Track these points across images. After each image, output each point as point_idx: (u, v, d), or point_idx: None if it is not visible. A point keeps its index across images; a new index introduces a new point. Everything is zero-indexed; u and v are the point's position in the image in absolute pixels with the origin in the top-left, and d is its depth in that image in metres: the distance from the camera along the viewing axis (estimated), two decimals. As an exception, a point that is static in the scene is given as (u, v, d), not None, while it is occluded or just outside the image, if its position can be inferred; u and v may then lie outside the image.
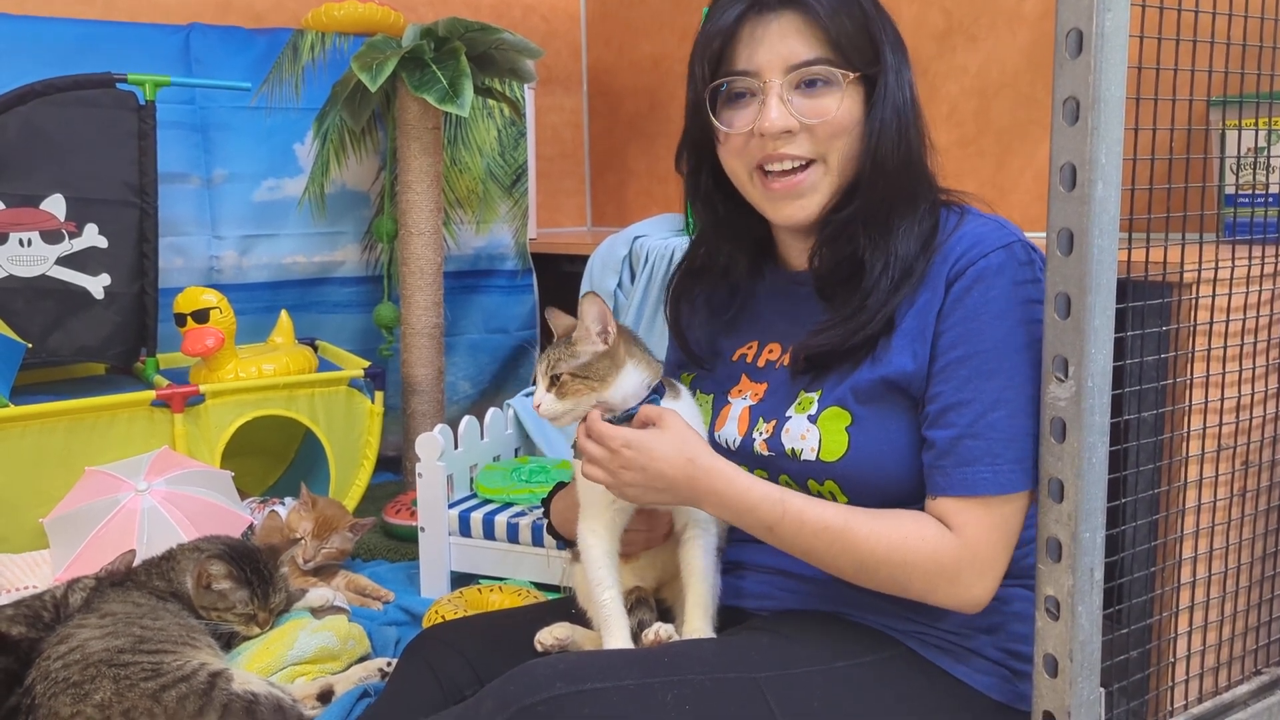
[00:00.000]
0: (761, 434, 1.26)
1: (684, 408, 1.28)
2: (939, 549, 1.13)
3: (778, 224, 1.29)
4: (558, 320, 1.30)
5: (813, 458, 1.20)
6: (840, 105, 1.18)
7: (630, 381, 1.24)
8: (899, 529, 1.15)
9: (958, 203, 1.23)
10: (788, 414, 1.24)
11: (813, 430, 1.21)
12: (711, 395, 1.37)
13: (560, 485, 1.49)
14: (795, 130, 1.19)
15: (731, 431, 1.30)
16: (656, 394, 1.26)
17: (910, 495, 1.18)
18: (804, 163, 1.21)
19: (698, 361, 1.40)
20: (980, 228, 1.18)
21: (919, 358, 1.16)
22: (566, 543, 1.45)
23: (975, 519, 1.12)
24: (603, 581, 1.27)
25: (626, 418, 1.23)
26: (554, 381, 1.22)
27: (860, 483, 1.19)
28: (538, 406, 1.24)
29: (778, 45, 1.18)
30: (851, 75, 1.18)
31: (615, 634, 1.24)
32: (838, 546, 1.16)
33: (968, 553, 1.12)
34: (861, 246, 1.20)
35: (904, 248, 1.18)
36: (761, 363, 1.32)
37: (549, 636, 1.28)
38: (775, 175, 1.22)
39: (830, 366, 1.22)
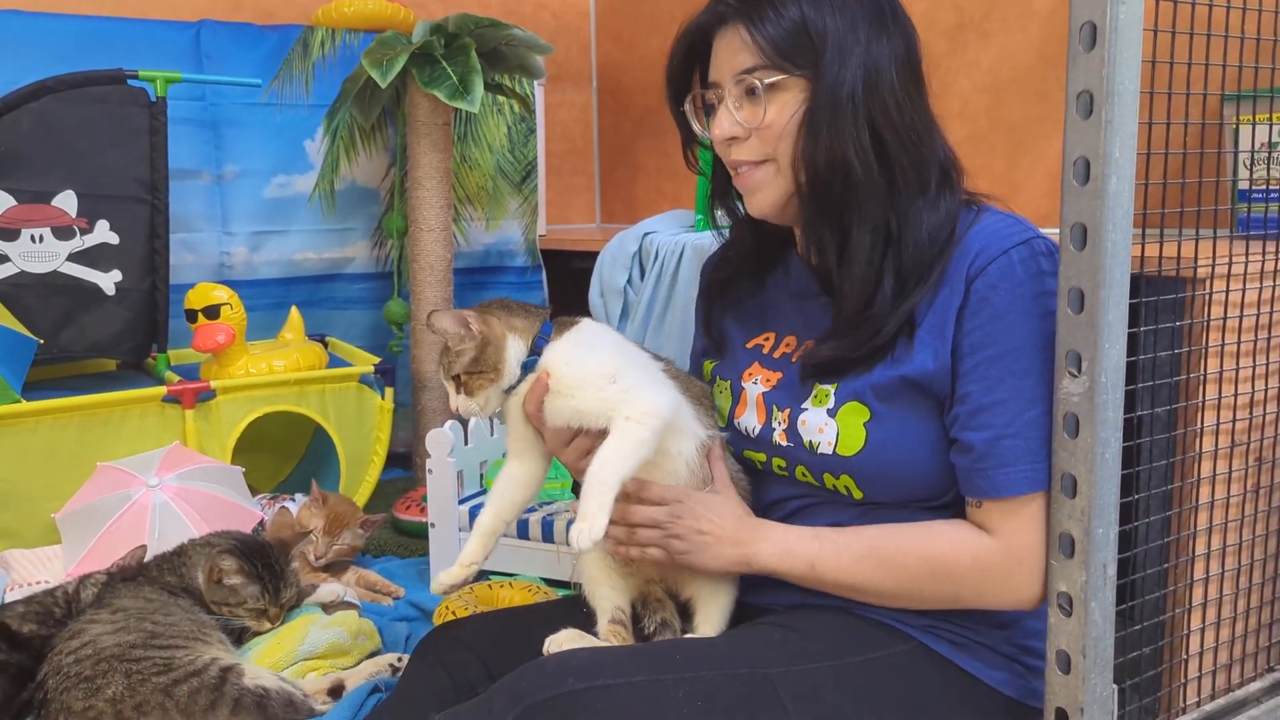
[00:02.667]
0: (779, 424, 1.27)
1: (567, 342, 1.31)
2: (981, 555, 1.14)
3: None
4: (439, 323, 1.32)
5: (829, 452, 1.20)
6: (776, 107, 1.19)
7: (515, 352, 1.29)
8: (938, 539, 1.17)
9: (975, 201, 1.22)
10: (803, 405, 1.24)
11: (830, 424, 1.21)
12: (729, 381, 1.37)
13: None
14: (741, 136, 1.23)
15: (751, 420, 1.31)
16: (543, 339, 1.30)
17: (926, 492, 1.18)
18: (759, 161, 1.23)
19: (720, 350, 1.41)
20: (998, 223, 1.17)
21: (940, 356, 1.15)
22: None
23: (1015, 518, 1.12)
24: (487, 503, 1.36)
25: (530, 369, 1.28)
26: (457, 383, 1.29)
27: (877, 478, 1.19)
28: (456, 411, 1.30)
29: (728, 57, 1.21)
30: (790, 75, 1.18)
31: (470, 545, 1.33)
32: (882, 569, 1.18)
33: (1014, 553, 1.12)
34: (824, 246, 1.21)
35: (907, 243, 1.17)
36: (777, 354, 1.32)
37: (555, 647, 1.27)
38: (738, 173, 1.27)
39: (844, 370, 1.21)
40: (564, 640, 1.29)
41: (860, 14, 1.17)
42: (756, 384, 1.32)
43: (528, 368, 1.28)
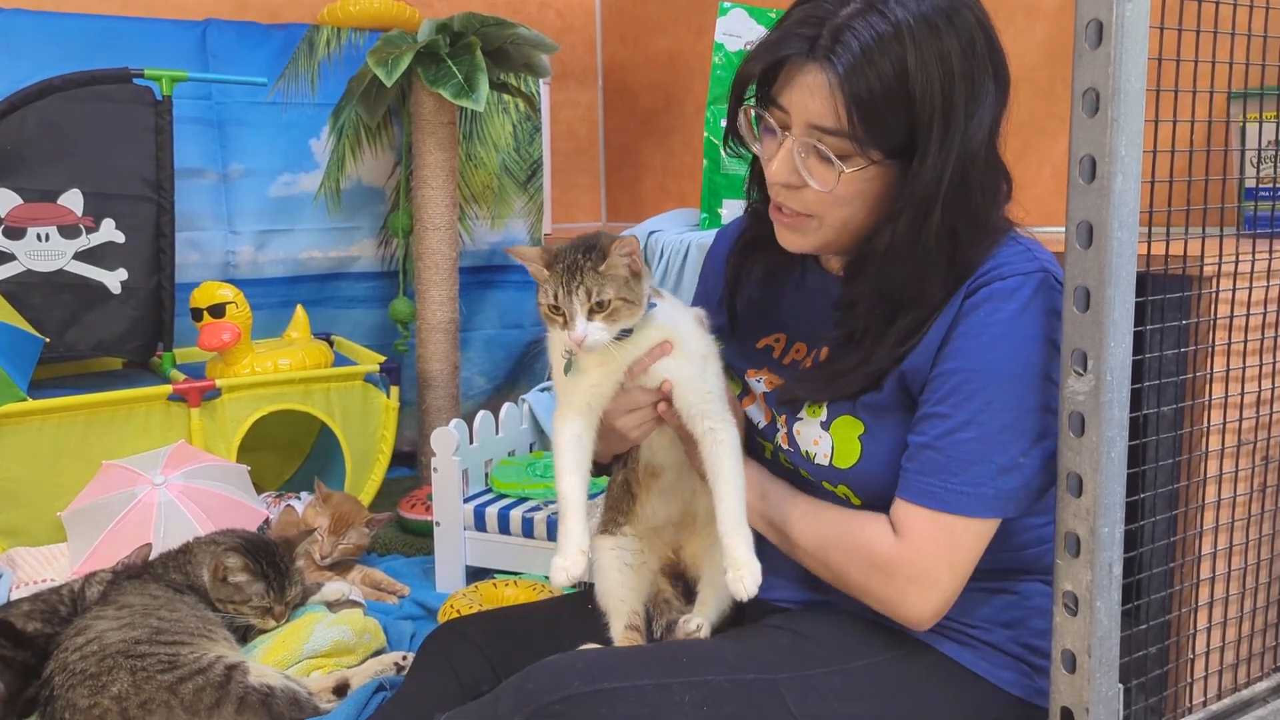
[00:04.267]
0: (781, 426, 1.27)
1: (670, 304, 1.28)
2: (878, 541, 1.14)
3: None
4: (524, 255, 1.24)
5: (826, 463, 1.21)
6: (846, 180, 1.11)
7: (646, 292, 1.22)
8: (856, 516, 1.18)
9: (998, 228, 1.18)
10: (798, 415, 1.25)
11: (825, 436, 1.21)
12: (732, 375, 1.36)
13: None
14: (796, 186, 1.15)
15: (758, 415, 1.31)
16: (653, 304, 1.24)
17: None
18: (804, 214, 1.18)
19: (733, 333, 1.38)
20: (1010, 253, 1.14)
21: (925, 367, 1.15)
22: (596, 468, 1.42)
23: (921, 526, 1.12)
24: (564, 468, 1.24)
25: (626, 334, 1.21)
26: (594, 310, 1.17)
27: (874, 488, 1.19)
28: (581, 340, 1.16)
29: (806, 98, 1.10)
30: (873, 158, 1.10)
31: (572, 527, 1.20)
32: (809, 517, 1.21)
33: (905, 556, 1.12)
34: (866, 319, 1.17)
35: (923, 304, 1.15)
36: (786, 360, 1.32)
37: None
38: (778, 208, 1.20)
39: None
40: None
41: (967, 88, 1.08)
42: (760, 383, 1.32)
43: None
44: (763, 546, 1.23)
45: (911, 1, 1.06)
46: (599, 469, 1.37)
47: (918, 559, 1.11)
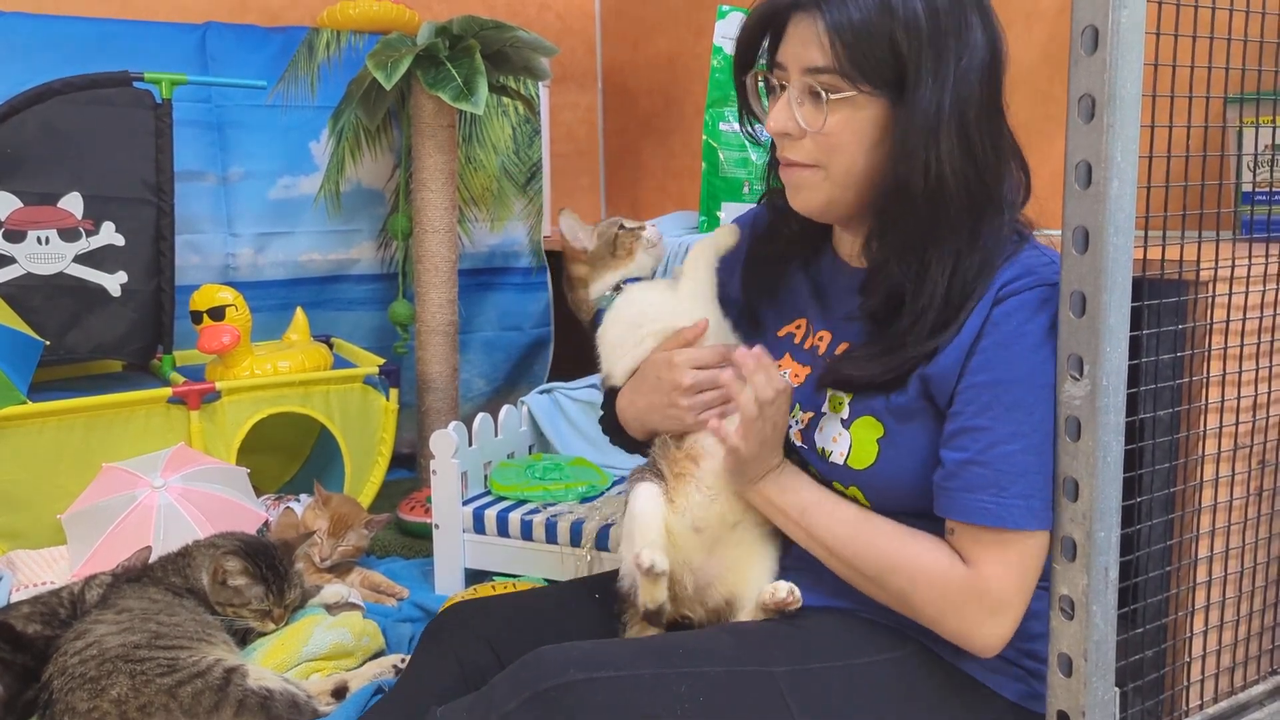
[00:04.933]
0: (798, 423, 1.27)
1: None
2: (948, 574, 1.12)
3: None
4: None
5: (841, 462, 1.21)
6: (840, 120, 1.14)
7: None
8: (917, 542, 1.15)
9: (1021, 229, 1.18)
10: (823, 409, 1.24)
11: (844, 435, 1.21)
12: None
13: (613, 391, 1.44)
14: (796, 135, 1.17)
15: None
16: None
17: (932, 510, 1.17)
18: (808, 164, 1.19)
19: (750, 325, 1.39)
20: (1034, 259, 1.14)
21: (951, 376, 1.14)
22: (630, 444, 1.44)
23: (990, 555, 1.10)
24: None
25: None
26: None
27: (885, 493, 1.19)
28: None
29: (799, 48, 1.15)
30: (863, 89, 1.12)
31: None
32: (861, 541, 1.17)
33: (978, 587, 1.11)
34: (899, 282, 1.16)
35: (954, 283, 1.13)
36: (808, 345, 1.31)
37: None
38: (785, 164, 1.22)
39: (862, 387, 1.21)
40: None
41: (952, 22, 1.11)
42: (784, 377, 1.31)
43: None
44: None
45: None
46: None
47: (992, 586, 1.10)
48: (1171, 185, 1.21)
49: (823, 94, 1.13)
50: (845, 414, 1.22)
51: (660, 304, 1.37)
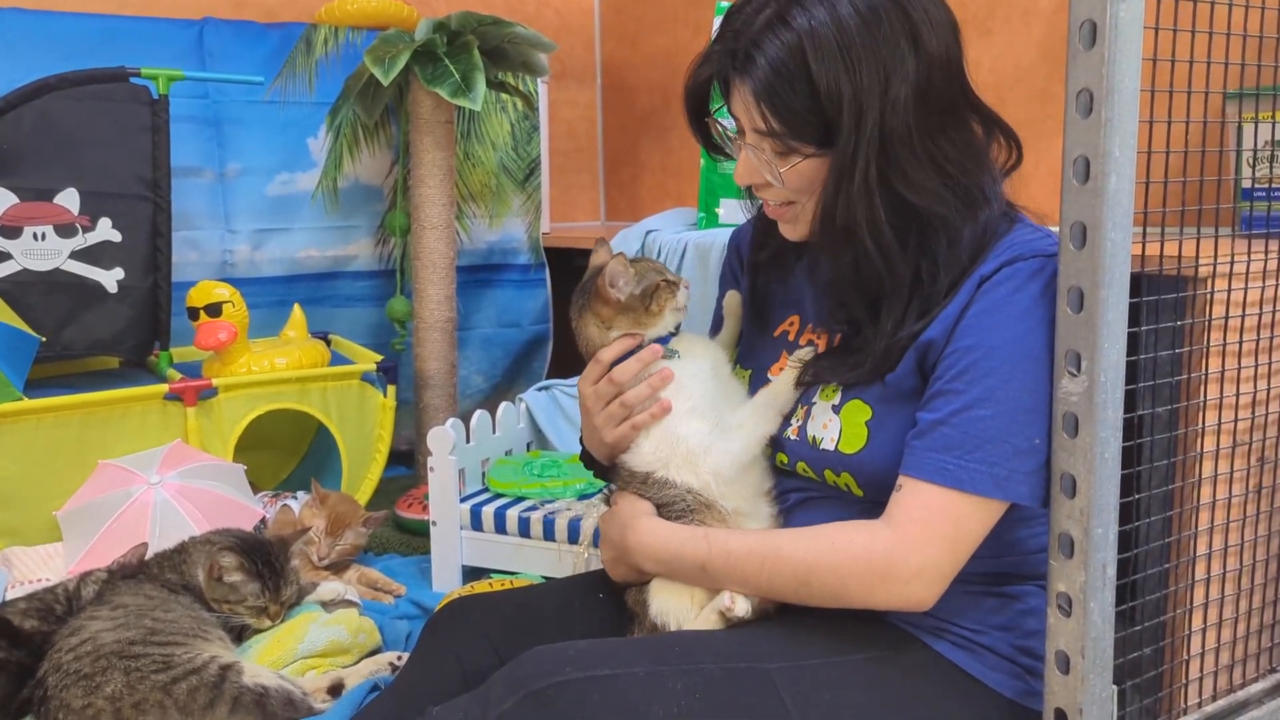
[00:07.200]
0: (795, 419, 1.27)
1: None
2: (869, 546, 1.12)
3: None
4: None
5: (831, 448, 1.21)
6: (795, 171, 1.17)
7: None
8: (824, 536, 1.16)
9: (1011, 212, 1.20)
10: (814, 399, 1.25)
11: (834, 420, 1.21)
12: (750, 371, 1.37)
13: None
14: (760, 185, 1.22)
15: None
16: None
17: None
18: (784, 203, 1.23)
19: (756, 325, 1.40)
20: (1026, 235, 1.15)
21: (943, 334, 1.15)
22: (601, 472, 1.46)
23: (921, 504, 1.10)
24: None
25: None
26: None
27: (876, 477, 1.18)
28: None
29: (740, 110, 1.18)
30: (802, 150, 1.15)
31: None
32: (769, 566, 1.17)
33: (900, 543, 1.10)
34: (854, 306, 1.20)
35: (939, 280, 1.15)
36: (803, 341, 1.32)
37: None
38: (763, 202, 1.27)
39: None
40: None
41: (878, 58, 1.10)
42: None
43: None
44: None
45: (818, 5, 1.10)
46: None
47: (913, 540, 1.10)
48: (1171, 181, 1.21)
49: (772, 156, 1.17)
50: (836, 400, 1.22)
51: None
